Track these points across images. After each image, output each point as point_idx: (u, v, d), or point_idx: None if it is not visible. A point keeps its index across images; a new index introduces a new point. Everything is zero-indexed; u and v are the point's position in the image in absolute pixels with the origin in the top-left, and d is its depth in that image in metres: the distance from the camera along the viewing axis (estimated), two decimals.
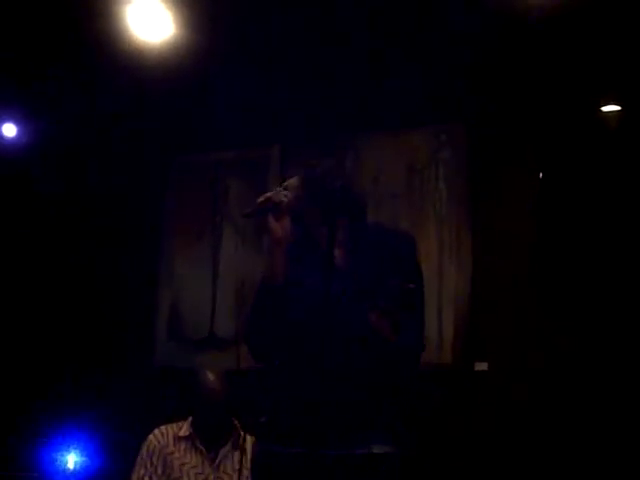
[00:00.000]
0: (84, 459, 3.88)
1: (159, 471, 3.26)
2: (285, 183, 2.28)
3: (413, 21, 3.82)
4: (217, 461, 3.30)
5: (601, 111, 3.95)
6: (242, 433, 3.33)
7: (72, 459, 3.86)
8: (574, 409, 3.70)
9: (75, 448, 3.89)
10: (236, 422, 3.39)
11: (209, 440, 3.32)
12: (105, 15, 3.75)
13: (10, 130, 4.67)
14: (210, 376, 3.35)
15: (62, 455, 3.87)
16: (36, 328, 4.79)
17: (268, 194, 2.24)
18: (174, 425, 3.37)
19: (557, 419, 3.72)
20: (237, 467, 3.30)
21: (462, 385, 3.93)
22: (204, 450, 3.31)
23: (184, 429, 3.34)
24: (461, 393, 3.92)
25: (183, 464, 3.28)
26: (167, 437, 3.32)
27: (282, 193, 2.23)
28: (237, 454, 3.32)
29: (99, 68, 4.11)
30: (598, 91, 3.93)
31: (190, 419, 3.37)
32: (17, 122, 4.65)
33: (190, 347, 4.52)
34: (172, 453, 3.29)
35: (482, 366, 3.91)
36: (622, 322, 3.70)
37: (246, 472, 3.24)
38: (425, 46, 3.94)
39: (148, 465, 3.27)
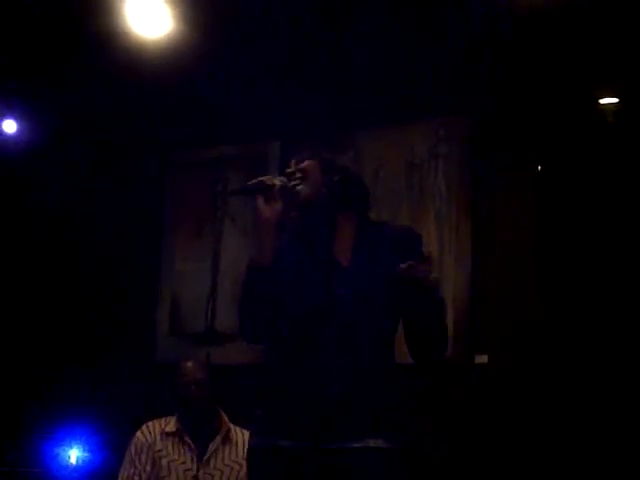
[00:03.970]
0: (86, 454, 3.90)
1: (147, 469, 3.22)
2: (302, 165, 2.27)
3: (412, 15, 3.83)
4: (206, 456, 3.25)
5: (599, 104, 3.95)
6: (230, 426, 3.33)
7: (74, 454, 3.87)
8: (575, 402, 3.70)
9: (77, 443, 3.90)
10: (223, 414, 3.35)
11: (196, 433, 3.27)
12: (103, 11, 3.75)
13: (10, 126, 4.68)
14: (191, 367, 3.31)
15: (64, 450, 3.88)
16: (37, 324, 4.79)
17: (261, 178, 2.24)
18: (161, 420, 3.33)
19: (558, 412, 3.73)
20: (227, 462, 3.25)
21: (462, 378, 3.93)
22: (192, 445, 3.26)
23: (171, 425, 3.29)
24: (461, 386, 3.93)
25: (171, 461, 3.23)
26: (154, 434, 3.27)
27: (277, 178, 2.24)
28: (227, 448, 3.28)
29: (97, 64, 4.10)
30: (596, 84, 3.93)
31: (177, 415, 3.32)
32: (17, 118, 4.66)
33: (191, 342, 4.53)
34: (160, 450, 3.24)
35: (482, 359, 3.91)
36: (623, 315, 3.70)
37: (237, 467, 3.24)
38: (424, 41, 3.94)
39: (137, 463, 3.23)
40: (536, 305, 3.86)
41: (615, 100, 3.93)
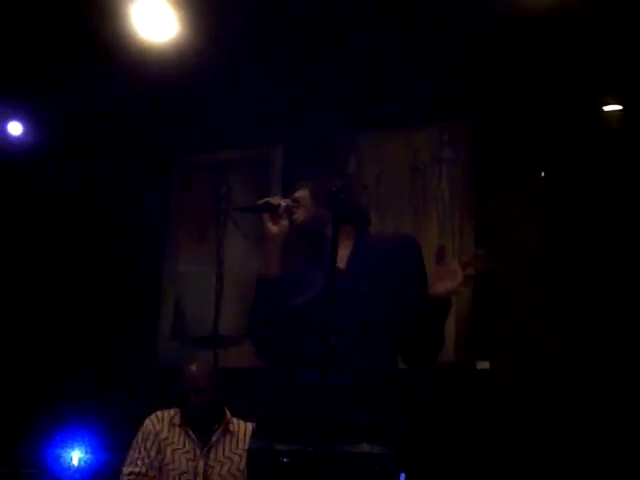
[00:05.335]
0: (88, 456, 3.91)
1: (152, 455, 3.32)
2: (296, 195, 2.40)
3: (415, 19, 3.84)
4: (207, 447, 3.35)
5: (603, 111, 3.96)
6: (230, 418, 3.43)
7: (76, 456, 3.88)
8: (575, 408, 3.71)
9: (79, 445, 3.92)
10: (226, 409, 3.43)
11: (198, 427, 3.37)
12: (109, 14, 3.77)
13: (16, 128, 4.69)
14: (194, 368, 3.40)
15: (66, 452, 3.89)
16: (40, 327, 4.80)
17: (268, 198, 2.39)
18: (171, 410, 3.43)
19: (559, 418, 3.73)
20: (227, 454, 3.37)
21: (464, 383, 3.94)
22: (195, 437, 3.36)
23: (177, 417, 3.40)
24: (463, 391, 3.93)
25: (175, 450, 3.34)
26: (162, 423, 3.39)
27: (282, 199, 2.38)
28: (227, 439, 3.39)
29: (103, 67, 4.12)
30: (600, 91, 3.94)
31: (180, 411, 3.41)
32: (22, 120, 4.67)
33: (193, 346, 4.54)
34: (166, 439, 3.35)
35: (484, 365, 3.92)
36: (624, 321, 3.71)
37: (237, 458, 3.34)
38: (427, 45, 3.95)
39: (142, 449, 3.33)
40: (538, 311, 3.86)
41: (618, 107, 3.95)
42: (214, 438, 3.37)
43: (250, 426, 3.38)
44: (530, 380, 3.82)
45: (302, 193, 2.40)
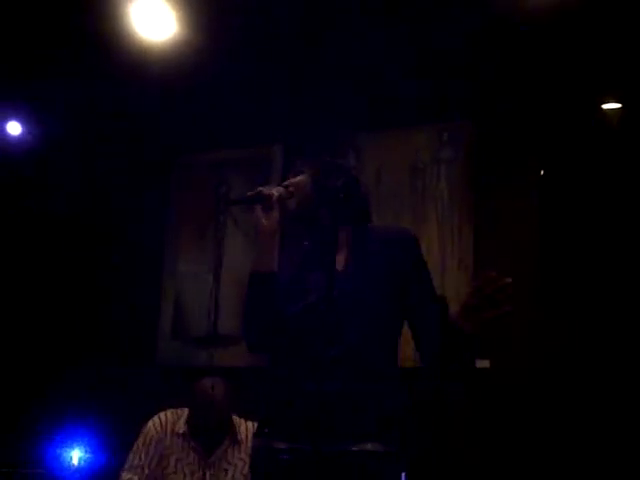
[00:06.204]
0: (88, 455, 3.91)
1: (154, 463, 3.22)
2: (295, 180, 2.31)
3: (415, 18, 3.84)
4: (213, 458, 3.26)
5: (602, 109, 3.97)
6: (238, 427, 3.32)
7: (76, 455, 3.88)
8: (575, 407, 3.71)
9: (79, 445, 3.92)
10: (235, 419, 3.35)
11: (204, 438, 3.27)
12: (108, 14, 3.78)
13: (15, 128, 4.70)
14: (209, 386, 3.28)
15: (66, 451, 3.90)
16: (40, 326, 4.81)
17: (260, 188, 2.28)
18: (174, 413, 3.33)
19: (558, 417, 3.73)
20: (230, 460, 3.27)
21: (464, 384, 3.93)
22: (200, 448, 3.27)
23: (180, 423, 3.29)
24: (463, 390, 3.93)
25: (179, 460, 3.24)
26: (165, 428, 3.27)
27: (274, 188, 2.28)
28: (232, 450, 3.29)
29: (102, 66, 4.13)
30: (599, 89, 3.95)
31: (186, 415, 3.31)
32: (22, 120, 4.68)
33: (193, 345, 4.55)
34: (169, 447, 3.24)
35: (484, 363, 3.92)
36: (623, 320, 3.71)
37: (241, 463, 3.25)
38: (427, 44, 3.95)
39: (143, 456, 3.22)
40: (538, 310, 3.86)
41: (617, 105, 3.95)
42: (220, 450, 3.27)
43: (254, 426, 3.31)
44: (530, 380, 3.82)
45: (300, 178, 2.32)
